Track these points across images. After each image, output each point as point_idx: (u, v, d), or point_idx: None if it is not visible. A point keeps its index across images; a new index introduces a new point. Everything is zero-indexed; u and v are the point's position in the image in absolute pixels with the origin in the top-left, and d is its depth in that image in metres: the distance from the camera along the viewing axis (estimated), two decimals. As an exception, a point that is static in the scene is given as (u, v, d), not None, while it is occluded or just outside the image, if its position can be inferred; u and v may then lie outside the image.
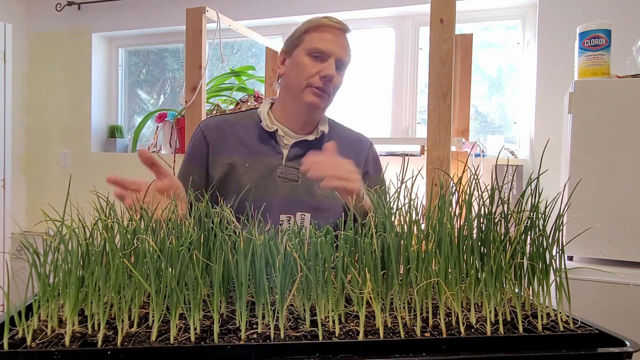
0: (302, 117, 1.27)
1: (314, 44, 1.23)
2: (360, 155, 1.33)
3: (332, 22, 1.25)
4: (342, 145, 1.32)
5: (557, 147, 1.99)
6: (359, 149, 1.35)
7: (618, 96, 1.53)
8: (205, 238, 0.72)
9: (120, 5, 3.22)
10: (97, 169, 3.29)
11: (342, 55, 1.25)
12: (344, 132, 1.38)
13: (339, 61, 1.24)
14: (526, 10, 2.55)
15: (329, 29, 1.25)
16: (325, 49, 1.22)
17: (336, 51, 1.23)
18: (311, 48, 1.23)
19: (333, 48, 1.23)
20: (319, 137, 1.28)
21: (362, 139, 1.39)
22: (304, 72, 1.22)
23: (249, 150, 1.26)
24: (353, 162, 1.31)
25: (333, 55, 1.22)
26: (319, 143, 1.28)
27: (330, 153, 1.11)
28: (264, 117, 1.27)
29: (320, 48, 1.22)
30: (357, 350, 0.59)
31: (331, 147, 1.13)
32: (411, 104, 2.78)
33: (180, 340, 0.59)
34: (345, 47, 1.27)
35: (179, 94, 3.08)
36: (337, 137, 1.33)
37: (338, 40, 1.25)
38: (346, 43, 1.28)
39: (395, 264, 0.67)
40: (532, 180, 0.73)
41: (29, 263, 0.63)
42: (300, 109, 1.25)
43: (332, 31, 1.25)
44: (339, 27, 1.26)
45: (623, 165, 1.52)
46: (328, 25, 1.25)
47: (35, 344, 0.58)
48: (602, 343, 0.63)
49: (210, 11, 2.03)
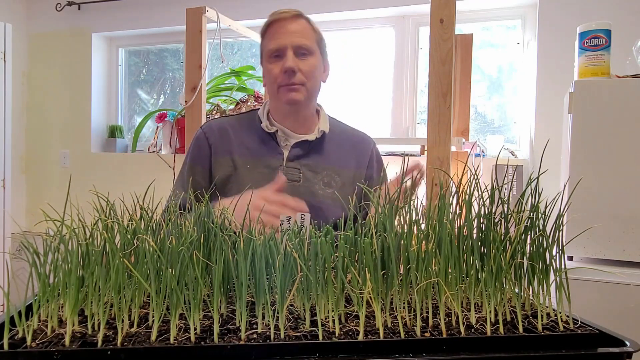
0: (292, 116, 1.26)
1: (268, 46, 1.22)
2: (363, 155, 1.33)
3: (277, 15, 1.22)
4: (344, 145, 1.32)
5: (557, 147, 1.99)
6: (361, 149, 1.34)
7: (618, 96, 1.53)
8: (205, 238, 0.72)
9: (120, 5, 3.22)
10: (97, 169, 3.29)
11: (299, 41, 1.20)
12: (346, 131, 1.37)
13: (299, 47, 1.20)
14: (526, 10, 2.55)
15: (277, 23, 1.22)
16: (277, 45, 1.20)
17: (289, 40, 1.19)
18: (267, 51, 1.22)
19: (285, 40, 1.19)
20: (320, 137, 1.28)
21: (365, 139, 1.37)
22: (271, 76, 1.22)
23: (250, 152, 1.26)
24: (355, 162, 1.31)
25: (287, 46, 1.19)
26: (319, 143, 1.28)
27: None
28: (263, 118, 1.27)
29: (274, 47, 1.20)
30: (357, 350, 0.59)
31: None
32: (411, 104, 2.78)
33: (180, 340, 0.59)
34: (302, 31, 1.22)
35: (179, 94, 3.08)
36: (339, 136, 1.32)
37: (290, 29, 1.20)
38: (302, 27, 1.22)
39: (395, 264, 0.67)
40: (532, 180, 0.73)
41: (29, 263, 0.63)
42: (285, 109, 1.25)
43: (281, 24, 1.21)
44: (285, 16, 1.21)
45: (623, 165, 1.52)
46: (275, 21, 1.22)
47: (35, 344, 0.58)
48: (602, 343, 0.63)
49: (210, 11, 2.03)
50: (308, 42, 1.21)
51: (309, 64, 1.21)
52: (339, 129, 1.35)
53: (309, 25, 1.24)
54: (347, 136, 1.34)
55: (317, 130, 1.28)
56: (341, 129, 1.36)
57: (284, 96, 1.21)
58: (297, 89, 1.20)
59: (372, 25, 2.86)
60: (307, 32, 1.22)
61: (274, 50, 1.20)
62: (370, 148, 1.35)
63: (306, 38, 1.21)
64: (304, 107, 1.25)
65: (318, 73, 1.25)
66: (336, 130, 1.33)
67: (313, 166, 1.26)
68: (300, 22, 1.22)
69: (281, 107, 1.25)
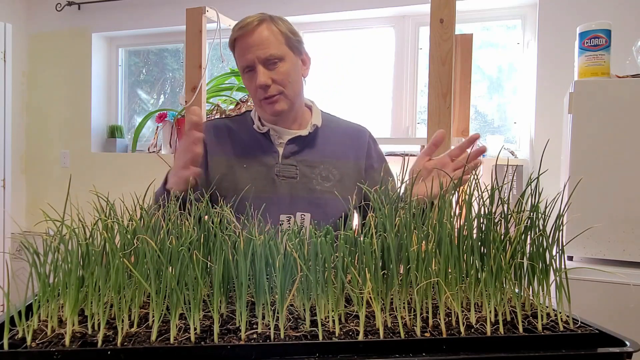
0: (278, 121, 1.26)
1: (239, 63, 1.22)
2: (360, 147, 1.32)
3: (238, 31, 1.18)
4: (340, 137, 1.32)
5: (557, 147, 1.99)
6: (358, 140, 1.32)
7: (618, 96, 1.53)
8: (205, 238, 0.72)
9: (120, 5, 3.22)
10: (97, 169, 3.29)
11: (264, 53, 1.15)
12: (340, 124, 1.36)
13: (266, 60, 1.16)
14: (526, 10, 2.55)
15: (241, 39, 1.18)
16: (245, 62, 1.18)
17: (255, 55, 1.16)
18: (240, 67, 1.22)
19: (251, 55, 1.16)
20: (313, 132, 1.27)
21: (360, 129, 1.36)
22: (250, 90, 1.23)
23: (245, 151, 1.26)
24: (353, 153, 1.30)
25: (254, 60, 1.16)
26: (313, 137, 1.28)
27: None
28: (255, 119, 1.28)
29: (242, 64, 1.19)
30: (357, 350, 0.59)
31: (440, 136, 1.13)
32: (411, 104, 2.78)
33: (180, 340, 0.59)
34: (266, 40, 1.16)
35: (179, 94, 3.08)
36: (333, 130, 1.32)
37: (253, 42, 1.16)
38: (265, 35, 1.16)
39: (395, 264, 0.67)
40: (532, 180, 0.73)
41: (29, 263, 0.63)
42: (270, 119, 1.25)
43: (244, 39, 1.17)
44: (247, 30, 1.17)
45: (623, 165, 1.52)
46: (238, 37, 1.19)
47: (35, 344, 0.58)
48: (602, 343, 0.63)
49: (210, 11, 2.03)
50: (274, 50, 1.17)
51: (281, 72, 1.18)
52: (333, 122, 1.34)
53: (275, 29, 1.19)
54: (341, 129, 1.34)
55: (310, 125, 1.27)
56: (335, 122, 1.35)
57: (268, 109, 1.21)
58: (276, 99, 1.19)
59: (372, 25, 2.86)
60: (272, 39, 1.17)
61: (244, 67, 1.20)
62: (367, 139, 1.34)
63: (272, 46, 1.16)
64: (289, 111, 1.24)
65: (295, 75, 1.22)
66: (330, 124, 1.32)
67: (309, 161, 1.25)
68: (263, 30, 1.17)
69: (266, 117, 1.26)
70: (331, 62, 2.95)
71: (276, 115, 1.22)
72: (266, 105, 1.20)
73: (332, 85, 2.94)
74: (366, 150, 1.32)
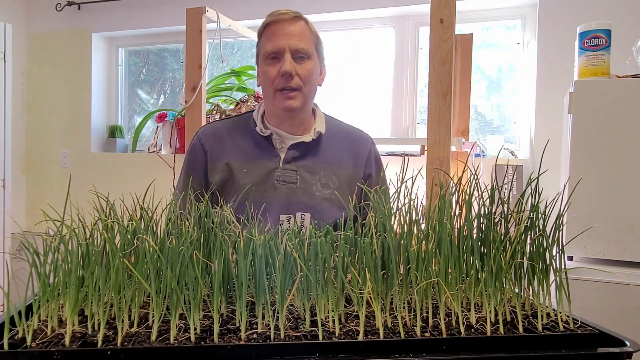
0: (287, 120, 1.25)
1: (265, 48, 1.20)
2: (360, 155, 1.31)
3: (275, 16, 1.19)
4: (342, 144, 1.31)
5: (557, 147, 1.99)
6: (359, 148, 1.32)
7: (618, 96, 1.53)
8: (205, 238, 0.72)
9: (120, 5, 3.22)
10: (97, 169, 3.29)
11: (297, 44, 1.17)
12: (344, 129, 1.35)
13: (296, 51, 1.18)
14: (526, 10, 2.55)
15: (275, 25, 1.19)
16: (275, 47, 1.18)
17: (287, 43, 1.17)
18: (264, 53, 1.20)
19: (283, 42, 1.17)
20: (316, 138, 1.26)
21: (364, 137, 1.35)
22: (267, 78, 1.20)
23: (246, 155, 1.25)
24: (352, 161, 1.30)
25: (285, 49, 1.17)
26: (316, 143, 1.27)
27: None
28: (258, 121, 1.27)
29: (271, 49, 1.18)
30: (357, 350, 0.59)
31: None
32: (411, 104, 2.78)
33: (180, 340, 0.59)
34: (300, 34, 1.19)
35: (179, 94, 3.08)
36: (335, 135, 1.31)
37: (289, 32, 1.18)
38: (300, 29, 1.19)
39: (395, 264, 0.67)
40: (532, 180, 0.73)
41: (29, 263, 0.63)
42: (280, 114, 1.24)
43: (279, 26, 1.18)
44: (285, 18, 1.18)
45: (623, 165, 1.52)
46: (273, 22, 1.19)
47: (35, 344, 0.58)
48: (602, 343, 0.63)
49: (210, 11, 2.03)
50: (306, 45, 1.19)
51: (306, 68, 1.19)
52: (336, 127, 1.33)
53: (308, 28, 1.22)
54: (344, 135, 1.33)
55: (314, 131, 1.26)
56: (338, 128, 1.34)
57: (281, 102, 1.20)
58: (293, 95, 1.19)
59: (372, 25, 2.86)
60: (305, 35, 1.20)
61: (271, 52, 1.19)
62: (369, 147, 1.33)
63: (304, 41, 1.19)
64: (299, 111, 1.24)
65: (315, 77, 1.23)
66: (333, 130, 1.31)
67: (310, 167, 1.25)
68: (299, 24, 1.20)
69: (277, 110, 1.24)
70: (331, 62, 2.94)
71: (288, 110, 1.21)
72: (281, 97, 1.19)
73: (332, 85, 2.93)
74: (366, 159, 1.31)
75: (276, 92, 1.20)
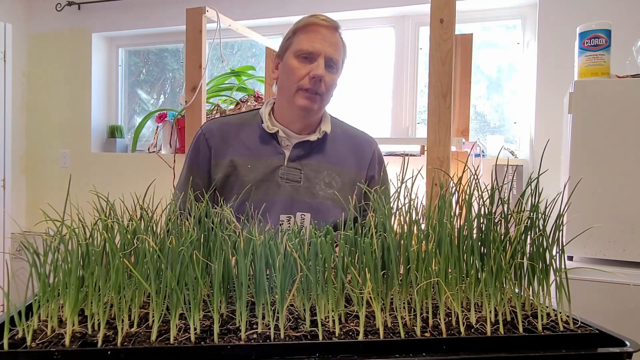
0: (298, 120, 1.26)
1: (300, 46, 1.21)
2: (364, 156, 1.32)
3: (319, 20, 1.22)
4: (346, 145, 1.32)
5: (557, 147, 1.99)
6: (363, 150, 1.33)
7: (618, 96, 1.53)
8: (205, 238, 0.72)
9: (120, 5, 3.22)
10: (97, 169, 3.29)
11: (332, 53, 1.21)
12: (348, 131, 1.36)
13: (330, 59, 1.21)
14: (526, 10, 2.55)
15: (316, 27, 1.21)
16: (312, 49, 1.19)
17: (324, 50, 1.20)
18: (298, 50, 1.21)
19: (320, 47, 1.20)
20: (322, 138, 1.27)
21: (368, 140, 1.37)
22: (294, 75, 1.21)
23: (250, 152, 1.25)
24: (355, 163, 1.31)
25: (321, 54, 1.19)
26: (321, 143, 1.28)
27: None
28: (265, 118, 1.27)
29: (308, 49, 1.20)
30: (357, 350, 0.59)
31: None
32: (411, 104, 2.78)
33: (180, 340, 0.59)
34: (336, 45, 1.23)
35: (179, 94, 3.08)
36: (340, 136, 1.32)
37: (327, 39, 1.21)
38: (337, 40, 1.24)
39: (395, 264, 0.67)
40: (532, 180, 0.73)
41: (29, 263, 0.63)
42: (295, 112, 1.24)
43: (319, 30, 1.21)
44: (326, 24, 1.22)
45: (623, 165, 1.52)
46: (315, 24, 1.21)
47: (35, 344, 0.58)
48: (602, 343, 0.63)
49: (210, 11, 2.03)
50: (339, 56, 1.24)
51: (332, 78, 1.23)
52: (341, 129, 1.34)
53: (342, 42, 1.26)
54: (349, 136, 1.34)
55: (319, 130, 1.27)
56: (343, 129, 1.35)
57: (300, 100, 1.21)
58: (315, 98, 1.21)
59: (372, 25, 2.86)
60: (340, 47, 1.25)
61: (306, 51, 1.20)
62: (372, 149, 1.35)
63: (338, 53, 1.24)
64: (314, 114, 1.26)
65: (334, 89, 1.27)
66: (338, 131, 1.33)
67: (314, 166, 1.25)
68: (337, 35, 1.24)
69: (290, 109, 1.25)
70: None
71: (305, 110, 1.22)
72: (303, 96, 1.21)
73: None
74: (370, 161, 1.32)
75: (299, 90, 1.21)
